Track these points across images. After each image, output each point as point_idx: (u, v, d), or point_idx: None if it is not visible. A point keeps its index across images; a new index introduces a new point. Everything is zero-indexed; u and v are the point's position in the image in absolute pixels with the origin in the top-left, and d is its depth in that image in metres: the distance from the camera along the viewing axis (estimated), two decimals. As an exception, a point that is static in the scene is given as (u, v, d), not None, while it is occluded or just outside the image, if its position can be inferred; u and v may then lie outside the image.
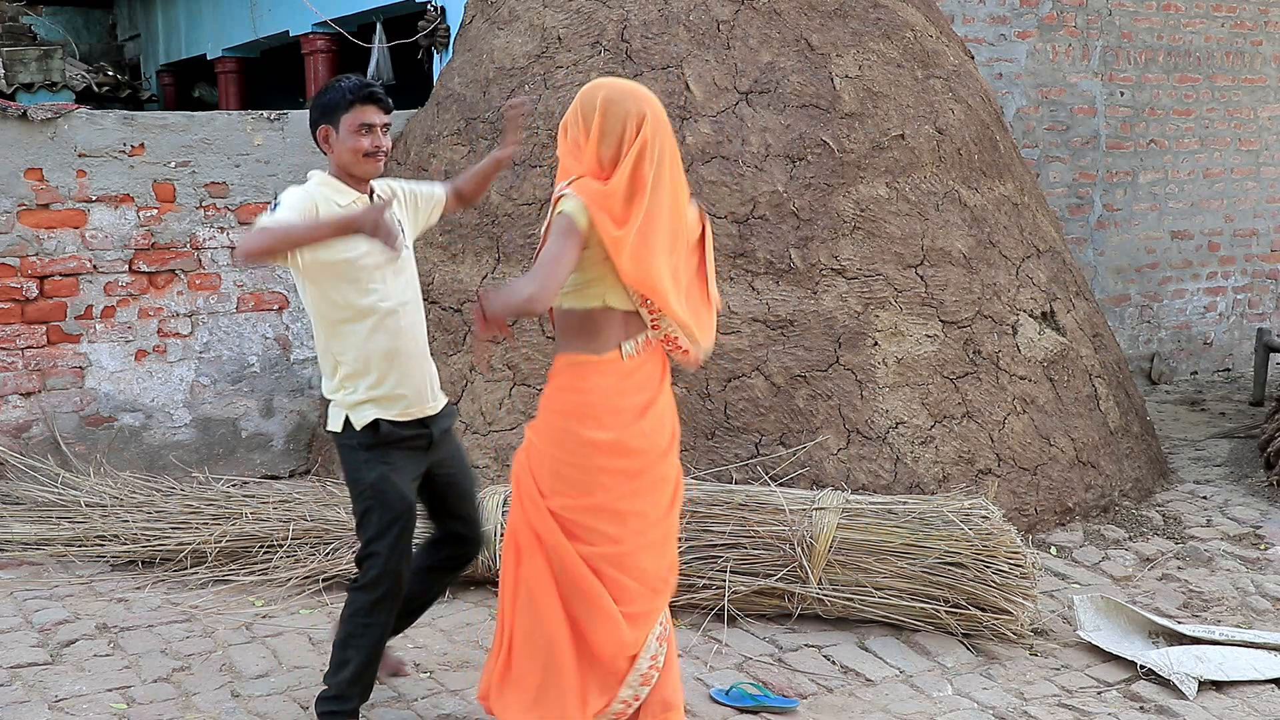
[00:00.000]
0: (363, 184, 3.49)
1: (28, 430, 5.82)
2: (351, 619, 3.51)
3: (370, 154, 3.42)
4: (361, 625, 3.49)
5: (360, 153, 3.41)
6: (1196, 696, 4.01)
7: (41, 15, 13.10)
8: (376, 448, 3.44)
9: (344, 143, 3.40)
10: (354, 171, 3.44)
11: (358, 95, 3.40)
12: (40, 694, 3.87)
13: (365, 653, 3.52)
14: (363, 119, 3.40)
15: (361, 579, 3.49)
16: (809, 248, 5.40)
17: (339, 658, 3.53)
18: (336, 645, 3.54)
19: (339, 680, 3.53)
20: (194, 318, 6.14)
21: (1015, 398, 5.54)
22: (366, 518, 3.46)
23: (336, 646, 3.54)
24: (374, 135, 3.42)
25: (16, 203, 5.71)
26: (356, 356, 3.42)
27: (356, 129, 3.39)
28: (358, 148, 3.40)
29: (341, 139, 3.41)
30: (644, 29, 5.71)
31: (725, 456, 5.11)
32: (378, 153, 3.43)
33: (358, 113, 3.40)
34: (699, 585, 4.42)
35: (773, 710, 3.84)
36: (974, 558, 4.32)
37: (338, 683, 3.53)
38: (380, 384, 3.43)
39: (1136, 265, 8.95)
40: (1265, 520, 5.76)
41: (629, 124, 3.13)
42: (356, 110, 3.40)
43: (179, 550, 4.92)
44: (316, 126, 3.45)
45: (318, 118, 3.45)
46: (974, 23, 7.96)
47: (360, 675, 3.54)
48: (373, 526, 3.44)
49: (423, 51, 7.34)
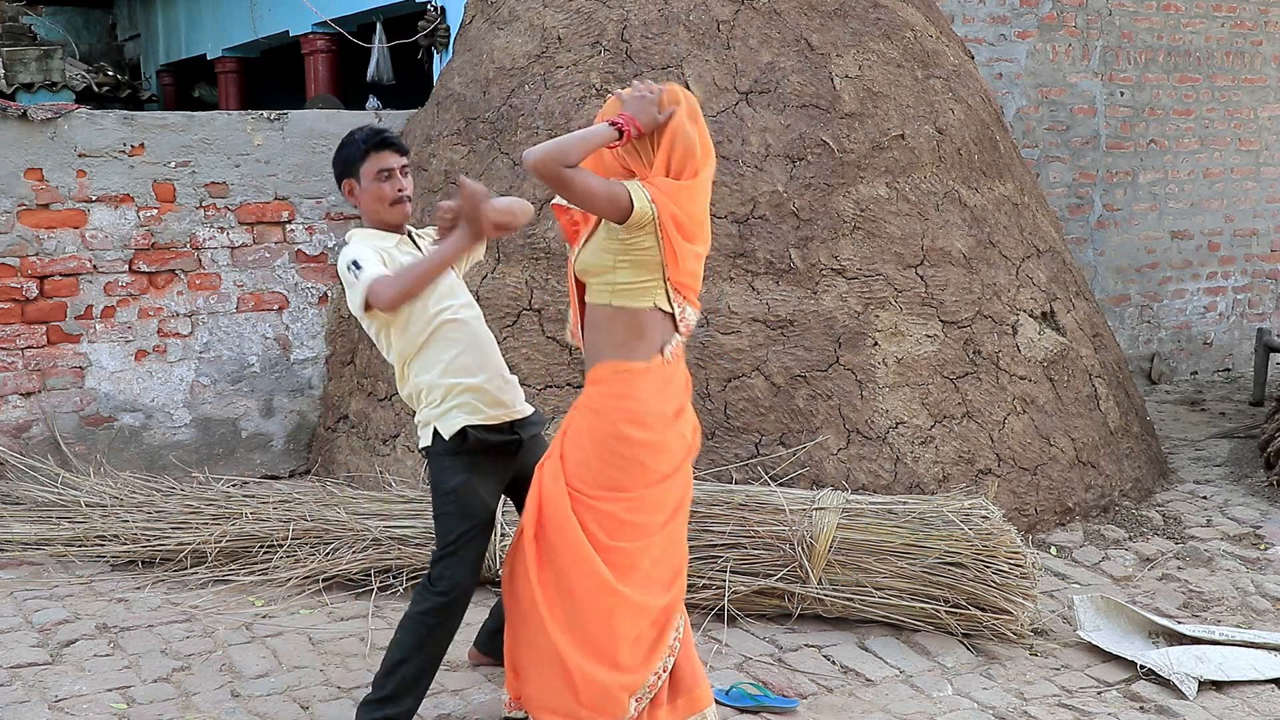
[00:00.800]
0: (399, 230, 3.56)
1: (28, 430, 5.82)
2: (419, 618, 3.45)
3: (396, 201, 3.51)
4: (428, 627, 3.45)
5: (386, 200, 3.51)
6: (1196, 696, 4.01)
7: (41, 15, 13.10)
8: (463, 454, 3.47)
9: (368, 191, 3.51)
10: (385, 220, 3.54)
11: (371, 143, 3.50)
12: (40, 694, 3.87)
13: (426, 657, 3.47)
14: (380, 165, 3.49)
15: (435, 581, 3.45)
16: (809, 248, 5.40)
17: (396, 657, 3.45)
18: (396, 645, 3.46)
19: (394, 681, 3.43)
20: (194, 318, 6.14)
21: (1015, 398, 5.54)
22: (444, 522, 3.47)
23: (396, 647, 3.46)
24: (395, 179, 3.51)
25: (16, 203, 5.71)
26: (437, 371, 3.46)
27: (376, 175, 3.49)
28: (382, 195, 3.50)
29: (365, 189, 3.52)
30: (644, 29, 5.71)
31: (725, 456, 5.11)
32: (402, 197, 3.52)
33: (374, 160, 3.49)
34: (699, 585, 4.41)
35: (773, 710, 3.84)
36: (974, 558, 4.32)
37: (393, 684, 3.44)
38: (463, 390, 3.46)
39: (1136, 265, 8.95)
40: (1265, 520, 5.76)
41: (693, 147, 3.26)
42: (373, 158, 3.49)
43: (179, 550, 4.92)
44: (341, 181, 3.57)
45: (340, 173, 3.57)
46: (974, 23, 7.96)
47: (417, 681, 3.48)
48: (451, 531, 3.45)
49: (423, 51, 7.34)
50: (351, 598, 4.66)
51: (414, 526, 4.73)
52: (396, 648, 3.47)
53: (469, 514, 3.45)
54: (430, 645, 3.47)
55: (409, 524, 4.75)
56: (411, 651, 3.45)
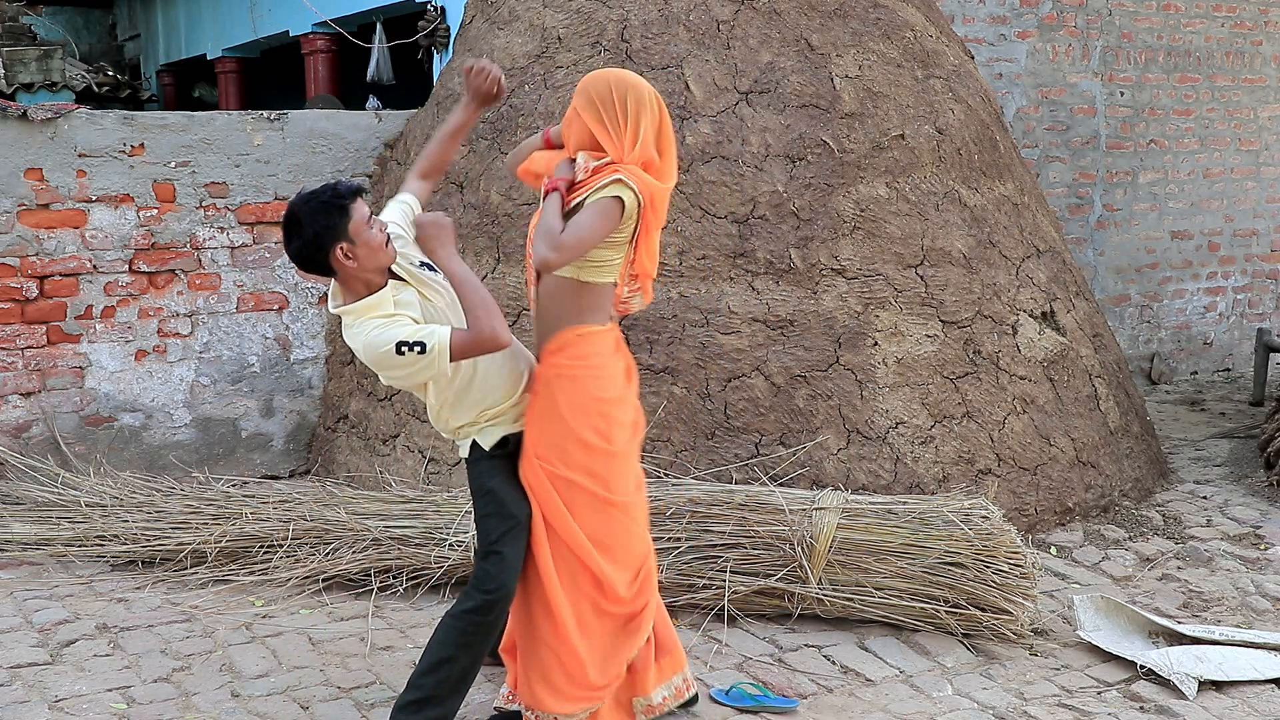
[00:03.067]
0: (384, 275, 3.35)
1: (28, 430, 5.82)
2: (464, 617, 3.42)
3: (388, 241, 3.30)
4: (474, 625, 3.42)
5: (381, 246, 3.27)
6: (1196, 696, 4.01)
7: (41, 15, 13.11)
8: (499, 458, 3.49)
9: (364, 245, 3.23)
10: (380, 266, 3.30)
11: (348, 196, 3.25)
12: (40, 694, 3.87)
13: (471, 656, 3.44)
14: (363, 212, 3.26)
15: (482, 580, 3.43)
16: (809, 248, 5.40)
17: (438, 656, 3.41)
18: (437, 645, 3.43)
19: (435, 680, 3.40)
20: (194, 318, 6.14)
21: (1015, 398, 5.54)
22: (486, 523, 3.47)
23: (437, 646, 3.43)
24: (377, 221, 3.31)
25: (16, 203, 5.71)
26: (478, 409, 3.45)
27: (367, 223, 3.24)
28: (376, 243, 3.25)
29: (361, 244, 3.23)
30: (644, 29, 5.71)
31: (725, 456, 5.11)
32: (388, 235, 3.32)
33: (357, 210, 3.24)
34: (699, 585, 4.42)
35: (773, 710, 3.84)
36: (974, 558, 4.32)
37: (432, 683, 3.41)
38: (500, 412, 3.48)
39: (1136, 265, 8.95)
40: (1265, 520, 5.76)
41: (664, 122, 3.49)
42: (355, 209, 3.24)
43: (179, 550, 4.92)
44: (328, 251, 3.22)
45: (324, 243, 3.22)
46: (974, 23, 7.97)
47: (463, 680, 3.45)
48: (494, 530, 3.45)
49: (423, 51, 7.35)
50: (351, 598, 4.66)
51: (414, 526, 4.73)
52: (438, 647, 3.43)
53: (509, 512, 3.46)
54: (476, 645, 3.45)
55: (409, 524, 4.75)
56: (456, 651, 3.42)
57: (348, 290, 3.34)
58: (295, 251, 3.29)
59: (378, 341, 3.23)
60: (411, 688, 3.46)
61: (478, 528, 3.52)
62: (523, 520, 3.47)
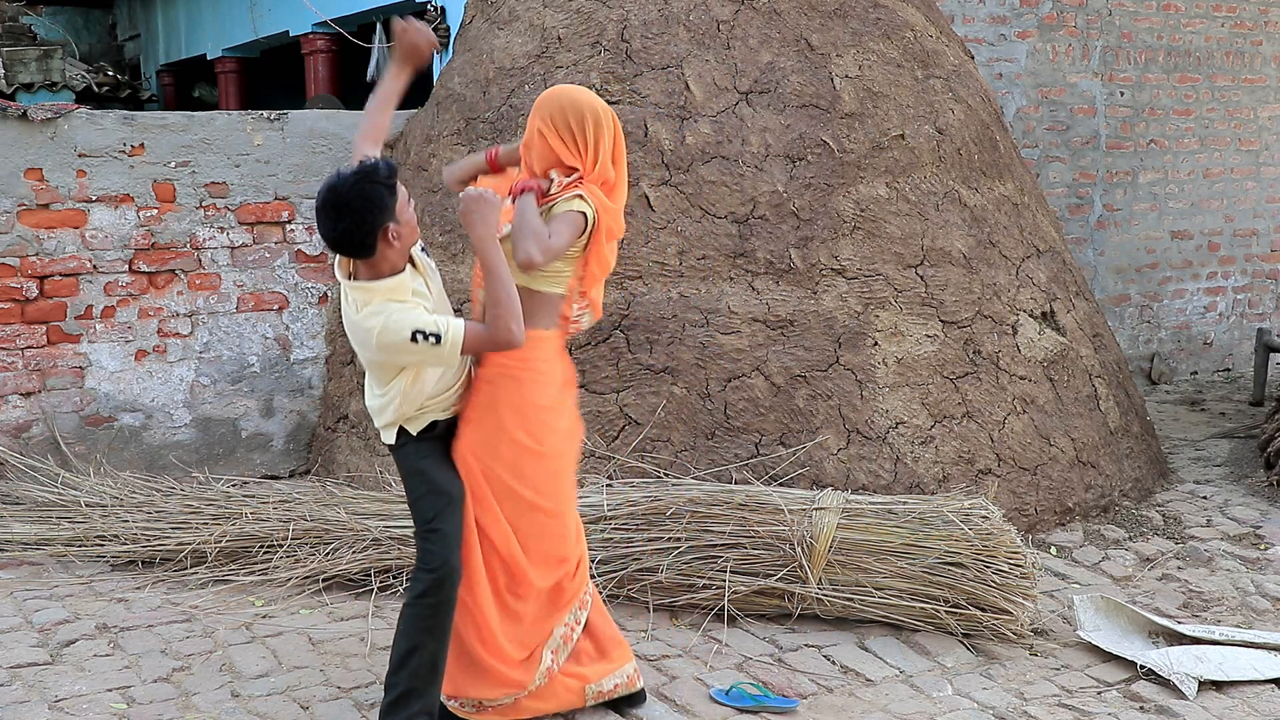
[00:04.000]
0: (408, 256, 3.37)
1: (28, 430, 5.82)
2: (418, 604, 3.41)
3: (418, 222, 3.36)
4: (430, 608, 3.41)
5: (416, 225, 3.31)
6: (1196, 696, 4.01)
7: (41, 15, 13.10)
8: (427, 440, 3.49)
9: (409, 224, 3.27)
10: (408, 246, 3.32)
11: (394, 173, 3.25)
12: (40, 694, 3.87)
13: (437, 641, 3.43)
14: (405, 192, 3.27)
15: (425, 560, 3.43)
16: (809, 248, 5.40)
17: (405, 648, 3.41)
18: (402, 637, 3.42)
19: (409, 673, 3.40)
20: (194, 318, 6.14)
21: (1015, 398, 5.54)
22: (421, 504, 3.47)
23: (402, 638, 3.42)
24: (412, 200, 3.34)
25: (16, 203, 5.71)
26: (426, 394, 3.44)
27: (408, 204, 3.27)
28: (415, 222, 3.30)
29: (406, 223, 3.25)
30: (644, 29, 5.71)
31: (725, 456, 5.10)
32: None
33: (401, 190, 3.25)
34: (699, 585, 4.42)
35: (773, 710, 3.84)
36: (974, 558, 4.32)
37: (408, 676, 3.40)
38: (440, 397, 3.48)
39: (1136, 265, 8.95)
40: (1265, 520, 5.76)
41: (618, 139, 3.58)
42: (400, 189, 3.25)
43: (179, 550, 4.92)
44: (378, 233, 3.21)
45: (379, 223, 3.20)
46: (974, 23, 7.97)
47: (435, 667, 3.44)
48: (429, 509, 3.45)
49: (423, 51, 7.33)
50: (351, 598, 4.66)
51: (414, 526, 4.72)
52: (403, 639, 3.43)
53: (442, 489, 3.46)
54: (438, 627, 3.44)
55: (409, 524, 4.74)
56: (421, 638, 3.42)
57: (373, 272, 3.31)
58: (342, 232, 3.21)
59: (397, 325, 3.22)
60: (390, 688, 3.46)
61: (413, 510, 3.51)
62: (457, 497, 3.47)
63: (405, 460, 3.52)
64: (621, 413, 5.19)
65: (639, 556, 4.45)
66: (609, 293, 5.34)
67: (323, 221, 3.25)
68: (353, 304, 3.32)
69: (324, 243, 3.33)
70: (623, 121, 5.51)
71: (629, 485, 4.72)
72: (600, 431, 5.16)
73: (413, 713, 3.42)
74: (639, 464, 5.01)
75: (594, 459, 5.07)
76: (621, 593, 4.50)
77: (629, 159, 5.44)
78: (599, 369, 5.26)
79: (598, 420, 5.17)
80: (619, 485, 4.73)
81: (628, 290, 5.34)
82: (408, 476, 3.53)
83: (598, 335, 5.28)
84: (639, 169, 5.43)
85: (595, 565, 4.44)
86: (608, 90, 5.58)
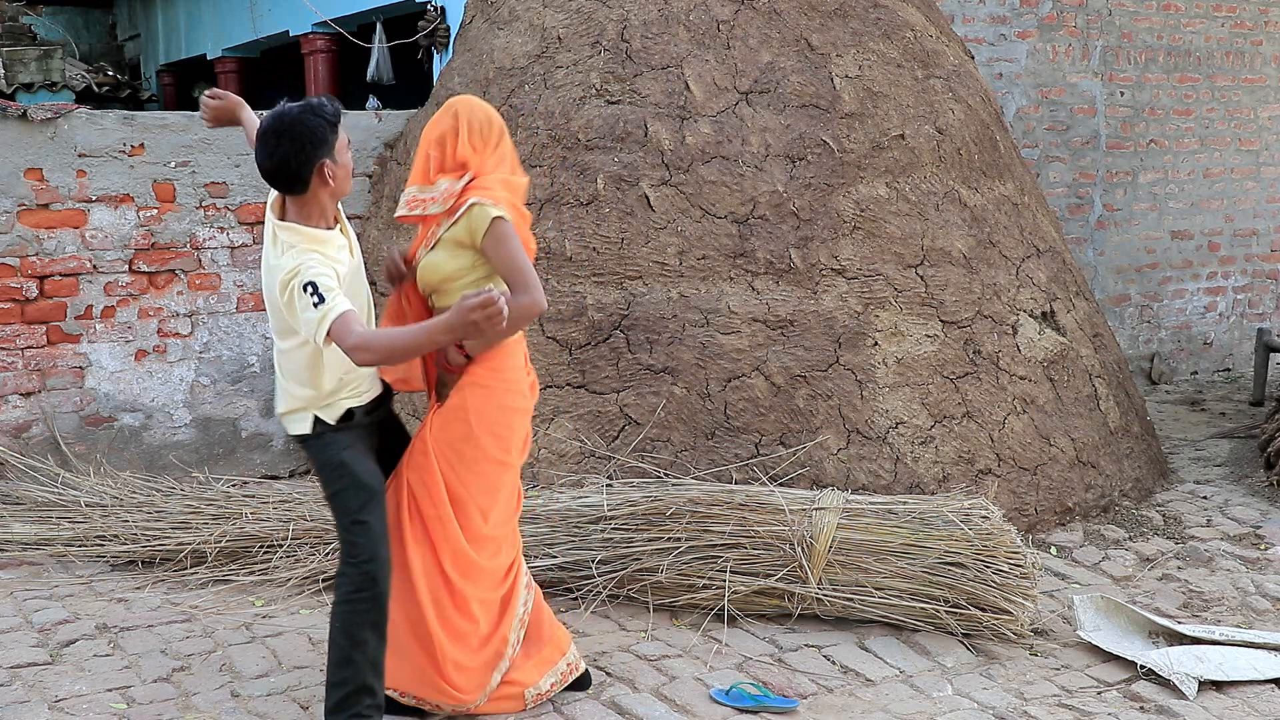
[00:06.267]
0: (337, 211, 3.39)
1: (28, 430, 5.82)
2: (350, 601, 3.39)
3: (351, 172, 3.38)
4: (365, 603, 3.39)
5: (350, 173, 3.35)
6: (1196, 696, 4.01)
7: (41, 15, 13.10)
8: (345, 430, 3.45)
9: (343, 167, 3.29)
10: (341, 195, 3.34)
11: (338, 116, 3.25)
12: (40, 694, 3.87)
13: (377, 632, 3.40)
14: (345, 136, 3.29)
15: (353, 555, 3.40)
16: (809, 248, 5.40)
17: (346, 646, 3.37)
18: (340, 635, 3.39)
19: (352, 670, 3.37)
20: (194, 318, 6.14)
21: (1015, 398, 5.54)
22: (342, 497, 3.42)
23: (340, 635, 3.39)
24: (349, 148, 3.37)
25: (16, 203, 5.71)
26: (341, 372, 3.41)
27: (347, 146, 3.30)
28: (349, 168, 3.33)
29: (342, 165, 3.29)
30: (644, 29, 5.71)
31: (725, 456, 5.10)
32: None
33: (342, 131, 3.27)
34: (699, 585, 4.42)
35: (773, 710, 3.84)
36: (974, 558, 4.32)
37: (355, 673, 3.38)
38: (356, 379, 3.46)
39: (1136, 265, 8.95)
40: (1265, 520, 5.76)
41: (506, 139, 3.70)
42: (340, 129, 3.26)
43: (179, 550, 4.92)
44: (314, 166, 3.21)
45: (316, 156, 3.20)
46: (974, 23, 7.96)
47: (377, 661, 3.41)
48: (352, 501, 3.41)
49: (423, 51, 7.35)
50: (351, 598, 4.66)
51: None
52: (341, 637, 3.39)
53: (365, 483, 3.42)
54: (374, 620, 3.41)
55: (409, 524, 4.75)
56: (359, 634, 3.38)
57: (303, 214, 3.29)
58: (280, 160, 3.19)
59: (304, 271, 3.14)
60: (333, 688, 3.41)
61: (331, 504, 3.46)
62: (379, 491, 3.45)
63: (322, 451, 3.44)
64: (621, 413, 5.19)
65: (639, 556, 4.45)
66: (610, 293, 5.34)
67: (260, 149, 3.23)
68: (279, 245, 3.27)
69: (259, 172, 3.27)
70: (623, 121, 5.55)
71: (629, 485, 4.72)
72: (600, 431, 5.16)
73: (364, 707, 3.40)
74: (639, 464, 5.01)
75: (594, 459, 5.07)
76: (621, 593, 4.50)
77: (630, 159, 5.46)
78: (599, 369, 5.26)
79: (598, 420, 5.17)
80: (619, 485, 4.73)
81: (628, 290, 5.34)
82: (325, 468, 3.46)
83: (598, 335, 5.28)
84: (639, 169, 5.44)
85: (595, 565, 4.45)
86: (608, 90, 5.59)
